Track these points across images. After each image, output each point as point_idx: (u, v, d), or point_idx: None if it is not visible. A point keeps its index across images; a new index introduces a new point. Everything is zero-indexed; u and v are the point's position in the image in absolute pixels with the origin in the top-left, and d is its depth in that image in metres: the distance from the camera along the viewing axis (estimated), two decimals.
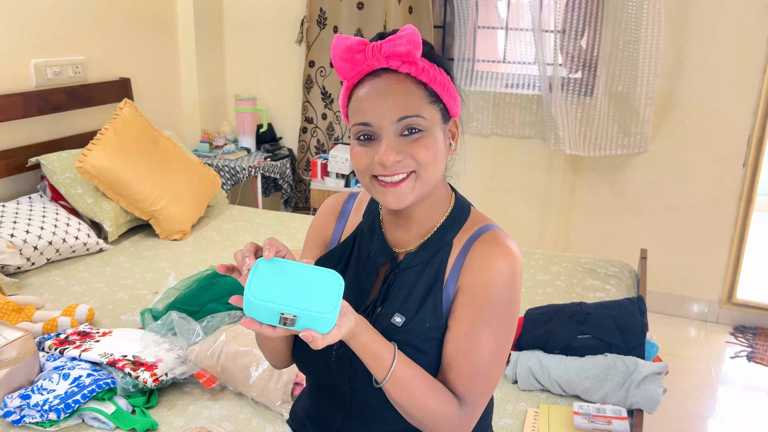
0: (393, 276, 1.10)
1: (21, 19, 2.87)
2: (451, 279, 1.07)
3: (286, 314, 0.88)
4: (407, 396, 0.99)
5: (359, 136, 1.04)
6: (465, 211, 1.13)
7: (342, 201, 1.24)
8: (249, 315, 0.90)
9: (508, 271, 1.03)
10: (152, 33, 3.63)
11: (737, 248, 3.37)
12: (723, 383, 2.99)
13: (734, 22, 3.10)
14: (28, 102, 2.88)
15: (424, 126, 1.02)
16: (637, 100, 3.18)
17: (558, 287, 2.58)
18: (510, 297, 1.04)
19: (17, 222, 2.57)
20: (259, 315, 0.89)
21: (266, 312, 0.89)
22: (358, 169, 1.05)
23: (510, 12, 3.57)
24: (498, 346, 1.04)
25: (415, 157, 1.02)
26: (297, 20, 3.87)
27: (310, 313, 0.88)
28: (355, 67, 1.04)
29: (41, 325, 2.08)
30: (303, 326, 0.89)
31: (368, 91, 1.03)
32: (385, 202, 1.05)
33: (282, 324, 0.88)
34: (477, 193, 3.72)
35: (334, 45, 1.04)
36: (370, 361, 0.97)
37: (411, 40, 1.01)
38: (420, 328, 1.05)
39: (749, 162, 3.23)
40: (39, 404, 1.63)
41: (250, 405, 1.78)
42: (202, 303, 2.10)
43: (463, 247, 1.08)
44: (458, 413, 1.01)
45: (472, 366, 1.02)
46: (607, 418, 1.70)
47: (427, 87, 1.04)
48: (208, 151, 3.83)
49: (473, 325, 1.02)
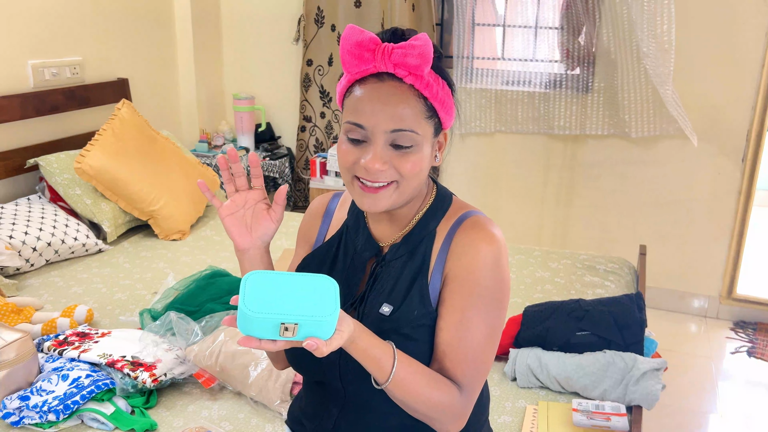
0: (379, 268, 1.12)
1: (18, 21, 2.87)
2: (437, 267, 1.08)
3: (286, 323, 0.85)
4: (410, 394, 1.00)
5: (349, 134, 1.04)
6: (446, 200, 1.15)
7: (327, 201, 1.26)
8: (246, 332, 0.87)
9: (493, 255, 1.05)
10: (150, 33, 3.62)
11: (737, 243, 3.36)
12: (723, 379, 2.99)
13: (732, 17, 3.09)
14: (26, 103, 2.88)
15: (415, 141, 1.03)
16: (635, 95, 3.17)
17: (557, 284, 2.58)
18: (497, 279, 1.05)
19: (16, 223, 2.57)
20: (257, 329, 0.86)
21: (265, 324, 0.86)
22: (342, 166, 1.06)
23: (507, 9, 3.56)
24: (491, 329, 1.05)
25: (400, 169, 1.03)
26: (294, 19, 3.87)
27: (312, 318, 0.85)
28: (362, 64, 1.03)
29: (40, 326, 2.08)
30: (305, 334, 0.86)
31: (369, 93, 1.03)
32: (360, 203, 1.07)
33: (282, 335, 0.86)
34: (475, 190, 3.72)
35: (345, 35, 1.02)
36: (371, 365, 0.97)
37: (423, 54, 0.99)
38: (408, 316, 1.06)
39: (748, 157, 3.23)
40: (38, 405, 1.63)
41: (249, 404, 1.79)
42: (201, 303, 2.10)
43: (447, 235, 1.09)
44: (460, 401, 1.03)
45: (467, 352, 1.03)
46: (606, 415, 1.70)
47: (426, 101, 1.03)
48: (206, 151, 3.82)
49: (464, 311, 1.04)
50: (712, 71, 3.18)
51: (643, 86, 3.22)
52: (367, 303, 1.10)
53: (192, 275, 2.31)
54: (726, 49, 3.14)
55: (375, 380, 1.00)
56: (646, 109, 3.24)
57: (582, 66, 3.38)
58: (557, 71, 3.45)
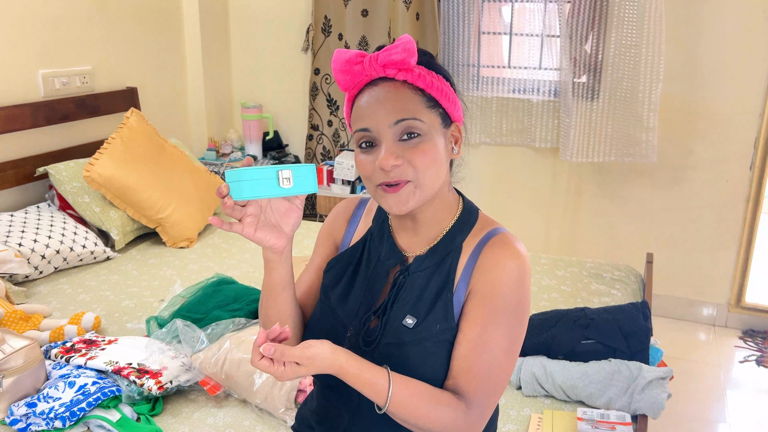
0: (403, 279, 1.12)
1: (28, 31, 2.91)
2: (461, 282, 1.08)
3: (282, 170, 0.96)
4: (412, 414, 1.00)
5: (361, 143, 1.07)
6: (473, 215, 1.16)
7: (353, 206, 1.27)
8: (240, 196, 0.95)
9: (518, 272, 1.05)
10: (159, 42, 3.66)
11: (745, 251, 3.34)
12: (732, 387, 2.97)
13: (739, 24, 3.08)
14: (37, 112, 2.92)
15: (422, 130, 1.04)
16: (641, 106, 3.17)
17: (563, 292, 2.57)
18: (520, 298, 1.06)
19: (25, 231, 2.59)
20: (250, 186, 0.94)
21: (260, 175, 0.95)
22: (364, 176, 1.08)
23: (514, 17, 3.57)
24: (509, 345, 1.05)
25: (413, 163, 1.04)
26: (302, 28, 3.89)
27: (300, 167, 0.97)
28: (354, 78, 1.08)
29: (48, 334, 2.10)
30: (299, 185, 0.97)
31: (367, 99, 1.06)
32: (387, 206, 1.07)
33: (282, 185, 0.95)
34: (483, 198, 3.71)
35: (334, 59, 1.08)
36: (367, 390, 0.99)
37: (405, 48, 1.04)
38: (431, 329, 1.06)
39: (756, 164, 3.22)
40: (45, 412, 1.64)
41: (254, 412, 1.79)
42: (207, 310, 2.11)
43: (473, 251, 1.10)
44: (466, 417, 1.02)
45: (484, 367, 1.03)
46: (611, 424, 1.69)
47: (424, 93, 1.06)
48: (214, 159, 3.85)
49: (485, 326, 1.04)
50: (720, 79, 3.18)
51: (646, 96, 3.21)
52: (390, 313, 1.10)
53: (198, 283, 2.32)
54: (733, 55, 3.13)
55: (376, 406, 1.01)
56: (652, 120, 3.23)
57: (588, 74, 3.38)
58: (564, 79, 3.45)
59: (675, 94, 3.25)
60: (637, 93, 3.17)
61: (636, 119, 3.21)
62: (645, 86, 3.14)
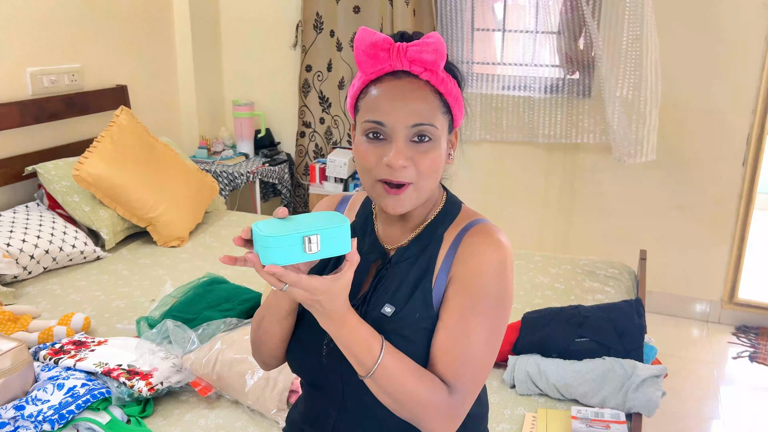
0: (384, 270, 1.12)
1: (16, 28, 2.87)
2: (442, 271, 1.08)
3: (309, 236, 0.88)
4: (395, 385, 0.99)
5: (369, 133, 1.05)
6: (456, 207, 1.16)
7: (335, 203, 1.26)
8: (268, 261, 0.88)
9: (499, 261, 1.05)
10: (149, 40, 3.62)
11: (738, 247, 3.35)
12: (725, 384, 2.97)
13: (732, 20, 3.08)
14: (25, 110, 2.88)
15: (434, 135, 1.04)
16: (642, 104, 3.14)
17: (557, 289, 2.56)
18: (501, 286, 1.05)
19: (14, 231, 2.56)
20: (279, 253, 0.88)
21: (287, 243, 0.88)
22: (365, 167, 1.06)
23: (506, 14, 3.56)
24: (489, 334, 1.04)
25: (419, 167, 1.03)
26: (293, 25, 3.87)
27: (330, 229, 0.89)
28: (377, 63, 1.05)
29: (37, 335, 2.08)
30: (327, 249, 0.89)
31: (387, 91, 1.04)
32: (384, 205, 1.06)
33: (307, 251, 0.88)
34: (476, 196, 3.70)
35: (358, 37, 1.05)
36: (357, 348, 0.97)
37: (438, 50, 1.03)
38: (410, 318, 1.06)
39: (749, 160, 3.22)
40: (33, 415, 1.62)
41: (246, 413, 1.77)
42: (198, 310, 2.10)
43: (454, 240, 1.10)
44: (448, 401, 1.01)
45: (463, 353, 1.03)
46: (606, 422, 1.68)
47: (442, 97, 1.06)
48: (206, 157, 3.82)
49: (464, 313, 1.03)
50: (713, 75, 3.17)
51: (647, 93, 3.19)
52: (369, 303, 1.10)
53: (190, 282, 2.30)
54: (726, 52, 3.13)
55: (362, 370, 0.99)
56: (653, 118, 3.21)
57: (581, 70, 3.37)
58: (557, 75, 3.44)
59: (667, 91, 3.24)
60: (636, 91, 3.15)
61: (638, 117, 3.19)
62: (644, 84, 3.13)
